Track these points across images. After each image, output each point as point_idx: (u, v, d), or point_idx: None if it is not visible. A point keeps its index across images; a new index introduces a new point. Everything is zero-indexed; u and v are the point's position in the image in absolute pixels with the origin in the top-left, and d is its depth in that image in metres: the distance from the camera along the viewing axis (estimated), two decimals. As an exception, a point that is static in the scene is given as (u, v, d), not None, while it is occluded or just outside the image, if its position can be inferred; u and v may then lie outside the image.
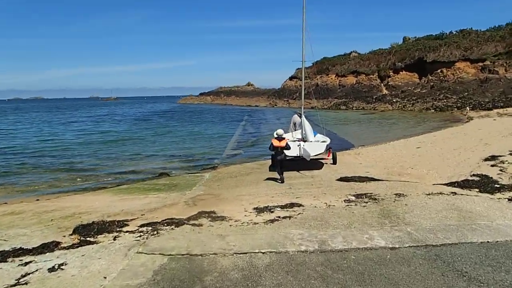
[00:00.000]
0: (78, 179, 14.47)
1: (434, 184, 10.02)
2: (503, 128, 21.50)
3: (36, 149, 23.51)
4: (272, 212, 7.71)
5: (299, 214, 7.46)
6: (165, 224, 7.13)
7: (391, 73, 66.25)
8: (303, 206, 8.06)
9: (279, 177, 11.08)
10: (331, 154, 14.44)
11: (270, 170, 13.75)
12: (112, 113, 71.55)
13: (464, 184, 9.62)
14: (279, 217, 7.29)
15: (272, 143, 11.09)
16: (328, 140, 13.93)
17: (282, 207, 8.04)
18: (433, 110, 45.14)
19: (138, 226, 7.16)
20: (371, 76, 68.51)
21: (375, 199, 8.36)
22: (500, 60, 49.49)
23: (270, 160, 14.76)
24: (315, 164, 13.90)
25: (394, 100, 55.11)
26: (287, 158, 12.32)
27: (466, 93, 48.26)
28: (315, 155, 13.17)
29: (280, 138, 11.12)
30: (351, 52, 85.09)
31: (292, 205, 8.15)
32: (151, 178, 14.06)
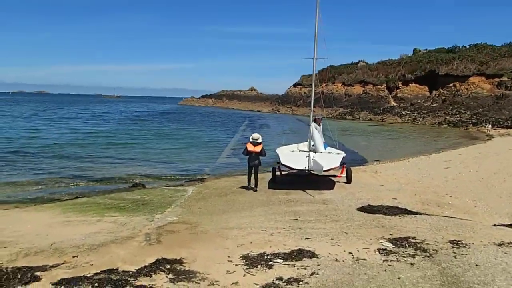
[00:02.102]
0: (32, 186, 11.73)
1: (496, 225, 7.28)
2: (537, 149, 18.80)
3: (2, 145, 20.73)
4: (270, 267, 4.94)
5: (312, 274, 4.70)
6: (96, 284, 4.38)
7: (400, 85, 63.64)
8: (317, 256, 5.31)
9: (250, 187, 10.49)
10: (344, 171, 11.70)
11: (269, 187, 11.03)
12: (109, 111, 68.91)
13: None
14: (280, 280, 4.54)
15: (246, 147, 10.39)
16: (343, 153, 11.18)
17: (286, 257, 5.27)
18: (446, 125, 42.43)
19: (53, 285, 4.42)
20: (379, 86, 65.92)
21: (424, 249, 5.61)
22: (518, 76, 46.88)
23: (271, 174, 12.09)
24: (325, 182, 11.18)
25: (404, 113, 52.44)
26: (294, 171, 10.89)
27: (481, 109, 45.58)
28: (327, 170, 10.48)
29: (255, 143, 10.31)
30: (359, 61, 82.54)
31: (300, 253, 5.39)
32: (121, 190, 11.31)
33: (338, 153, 11.23)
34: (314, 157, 10.12)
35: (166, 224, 7.18)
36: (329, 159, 10.31)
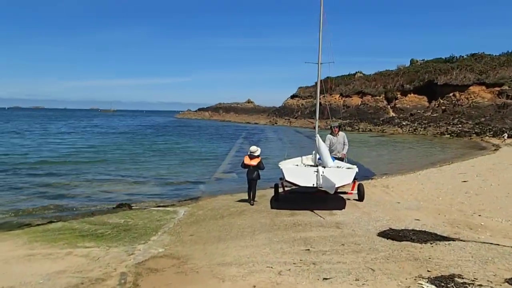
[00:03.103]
0: (2, 208, 10.34)
1: (550, 255, 6.00)
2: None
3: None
4: (282, 328, 3.65)
5: None
6: None
7: (398, 95, 63.07)
8: (343, 308, 4.01)
9: (250, 201, 10.17)
10: (356, 187, 10.43)
11: (272, 207, 9.74)
12: (103, 125, 67.57)
13: None
14: None
15: (243, 161, 10.17)
16: (356, 168, 9.88)
17: (302, 310, 3.98)
18: (448, 135, 41.41)
19: None
20: (378, 97, 65.34)
21: (479, 294, 4.33)
22: (519, 85, 46.22)
23: (273, 190, 10.80)
24: (334, 200, 9.89)
25: (404, 123, 51.47)
26: (300, 190, 9.79)
27: (483, 119, 44.74)
28: (339, 187, 9.21)
29: (252, 156, 10.00)
30: (356, 72, 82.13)
31: (320, 304, 4.10)
32: (103, 212, 9.94)
33: (350, 168, 9.92)
34: (323, 172, 8.84)
35: (149, 259, 5.84)
36: (340, 175, 9.02)
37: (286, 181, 9.46)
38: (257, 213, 9.17)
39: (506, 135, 33.76)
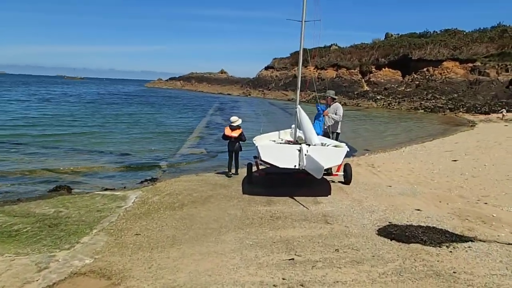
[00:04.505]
0: None
1: None
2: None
3: None
4: None
5: None
6: None
7: (373, 69, 62.27)
8: None
9: (229, 173, 9.74)
10: (342, 167, 8.94)
11: (244, 192, 8.12)
12: (66, 93, 62.62)
13: None
14: None
15: (224, 132, 9.69)
16: (345, 147, 8.27)
17: None
18: (422, 111, 41.10)
19: None
20: (353, 70, 64.28)
21: None
22: (492, 62, 46.25)
23: (246, 172, 9.18)
24: (317, 183, 8.36)
25: (378, 97, 50.87)
26: (278, 171, 8.29)
27: (455, 94, 44.73)
28: (328, 169, 7.66)
29: (232, 127, 9.55)
30: (331, 44, 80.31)
31: None
32: (33, 197, 7.91)
33: (338, 146, 8.32)
34: (307, 151, 7.20)
35: (65, 279, 4.06)
36: (329, 155, 7.42)
37: (262, 161, 7.80)
38: (226, 200, 7.51)
39: (504, 110, 32.23)
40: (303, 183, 8.68)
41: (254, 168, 9.06)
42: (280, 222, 6.02)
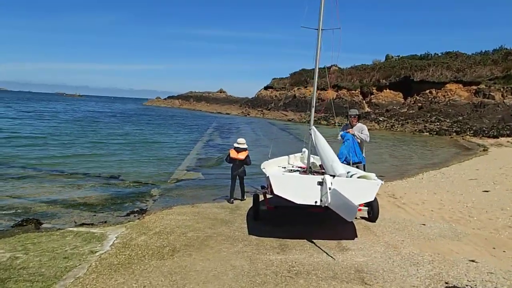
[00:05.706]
0: None
1: None
2: None
3: None
4: None
5: None
6: None
7: (374, 90, 61.68)
8: None
9: (231, 200, 8.86)
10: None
11: (250, 232, 6.64)
12: (62, 110, 61.43)
13: None
14: None
15: (229, 154, 9.00)
16: (378, 180, 6.60)
17: None
18: (428, 133, 39.92)
19: None
20: (353, 91, 63.69)
21: None
22: (497, 84, 45.56)
23: (252, 200, 7.75)
24: (337, 221, 6.85)
25: (381, 119, 49.84)
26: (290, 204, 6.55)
27: (460, 117, 43.74)
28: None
29: (239, 149, 8.89)
30: (331, 65, 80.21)
31: None
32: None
33: (365, 176, 6.81)
34: (332, 184, 5.78)
35: None
36: (360, 189, 5.96)
37: (274, 194, 6.34)
38: (228, 243, 6.02)
39: None
40: (318, 218, 7.25)
41: (261, 198, 7.63)
42: (302, 281, 4.54)
